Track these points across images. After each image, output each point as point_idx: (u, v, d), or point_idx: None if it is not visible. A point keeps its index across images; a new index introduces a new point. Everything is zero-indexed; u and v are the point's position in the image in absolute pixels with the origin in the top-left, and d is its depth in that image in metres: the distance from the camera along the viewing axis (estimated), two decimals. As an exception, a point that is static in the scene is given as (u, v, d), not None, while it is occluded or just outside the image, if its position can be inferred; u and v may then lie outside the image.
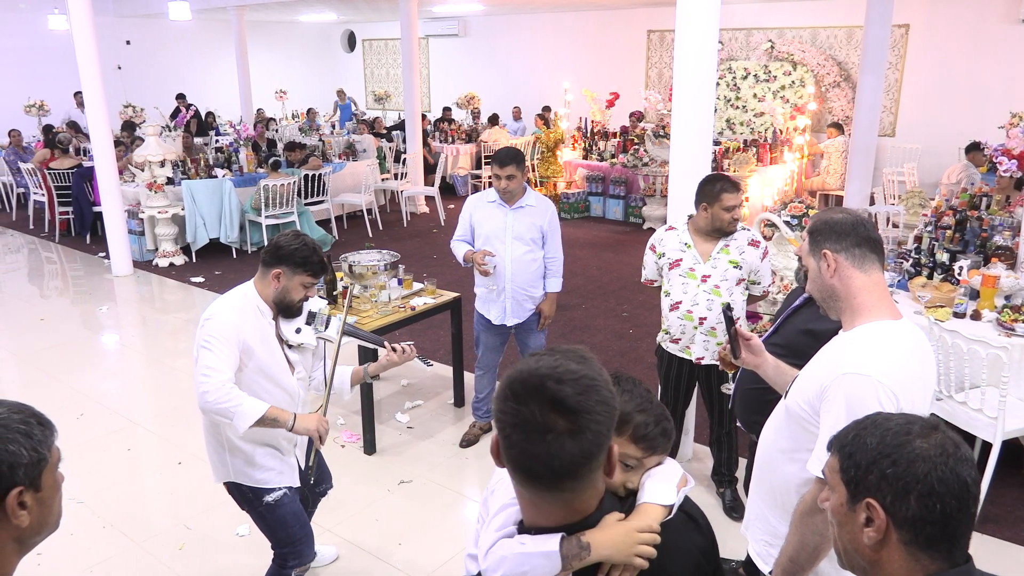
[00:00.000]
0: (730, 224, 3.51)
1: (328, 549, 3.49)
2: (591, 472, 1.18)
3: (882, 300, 1.84)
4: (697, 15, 3.68)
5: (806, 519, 1.78)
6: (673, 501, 1.36)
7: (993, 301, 4.18)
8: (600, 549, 1.23)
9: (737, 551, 3.44)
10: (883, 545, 1.17)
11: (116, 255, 8.08)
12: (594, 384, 1.15)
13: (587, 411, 1.13)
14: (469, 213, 4.22)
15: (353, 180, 10.31)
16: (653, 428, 1.44)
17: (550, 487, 1.18)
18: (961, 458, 1.15)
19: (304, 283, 2.61)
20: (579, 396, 1.13)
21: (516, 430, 1.14)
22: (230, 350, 2.53)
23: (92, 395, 5.23)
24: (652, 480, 1.41)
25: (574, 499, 1.22)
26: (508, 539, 1.28)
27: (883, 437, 1.18)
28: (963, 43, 10.24)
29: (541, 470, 1.14)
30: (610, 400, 1.17)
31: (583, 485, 1.20)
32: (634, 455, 1.42)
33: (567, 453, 1.12)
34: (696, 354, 3.64)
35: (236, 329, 2.56)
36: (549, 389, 1.13)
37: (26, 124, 12.26)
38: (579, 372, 1.15)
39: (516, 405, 1.14)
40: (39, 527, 1.27)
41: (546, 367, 1.15)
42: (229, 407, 2.48)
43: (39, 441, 1.25)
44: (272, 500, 2.73)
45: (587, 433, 1.13)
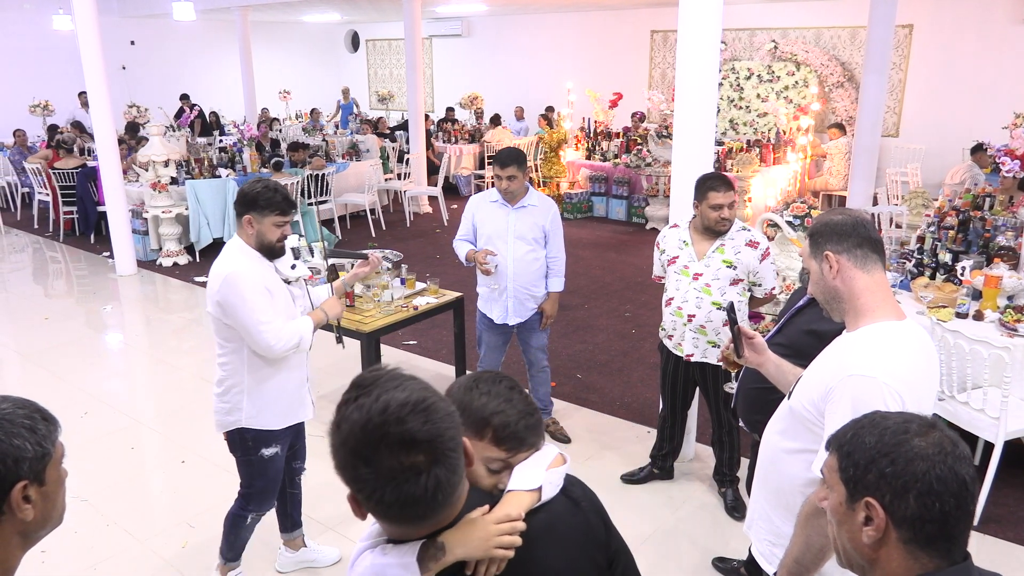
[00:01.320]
0: (718, 223, 3.50)
1: (331, 551, 3.49)
2: (461, 480, 1.18)
3: (886, 300, 1.85)
4: (699, 15, 3.68)
5: (811, 520, 1.79)
6: (537, 484, 1.31)
7: (996, 302, 4.17)
8: (455, 548, 1.20)
9: (739, 550, 3.45)
10: (882, 544, 1.17)
11: (120, 255, 8.10)
12: (430, 403, 1.12)
13: (439, 435, 1.11)
14: (471, 213, 4.23)
15: (356, 180, 10.33)
16: (514, 426, 1.35)
17: (432, 517, 1.17)
18: (959, 456, 1.15)
19: (275, 222, 2.79)
20: (426, 425, 1.10)
21: (386, 489, 1.09)
22: (262, 297, 2.78)
23: (96, 394, 5.25)
24: (518, 468, 1.35)
25: (451, 512, 1.21)
26: (371, 551, 1.26)
27: (881, 436, 1.18)
28: (967, 43, 10.22)
29: (424, 511, 1.13)
30: (448, 408, 1.14)
31: (458, 496, 1.20)
32: (498, 457, 1.35)
33: (444, 482, 1.11)
34: (686, 351, 3.66)
35: (256, 277, 2.79)
36: (394, 434, 1.08)
37: (31, 124, 12.30)
38: (410, 400, 1.11)
39: (369, 468, 1.08)
40: (43, 521, 1.28)
41: (376, 412, 1.09)
42: (295, 342, 2.84)
43: (43, 436, 1.26)
44: (268, 455, 3.00)
45: (449, 453, 1.12)
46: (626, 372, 5.49)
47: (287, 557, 3.43)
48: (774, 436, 2.04)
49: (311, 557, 3.44)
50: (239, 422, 2.94)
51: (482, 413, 1.34)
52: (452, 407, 1.16)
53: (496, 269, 4.11)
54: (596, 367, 5.59)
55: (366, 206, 9.92)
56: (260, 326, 2.75)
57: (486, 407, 1.35)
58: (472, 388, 1.38)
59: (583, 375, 5.44)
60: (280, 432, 3.03)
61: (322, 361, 5.64)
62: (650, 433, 4.48)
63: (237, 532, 3.15)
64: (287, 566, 3.43)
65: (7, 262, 8.94)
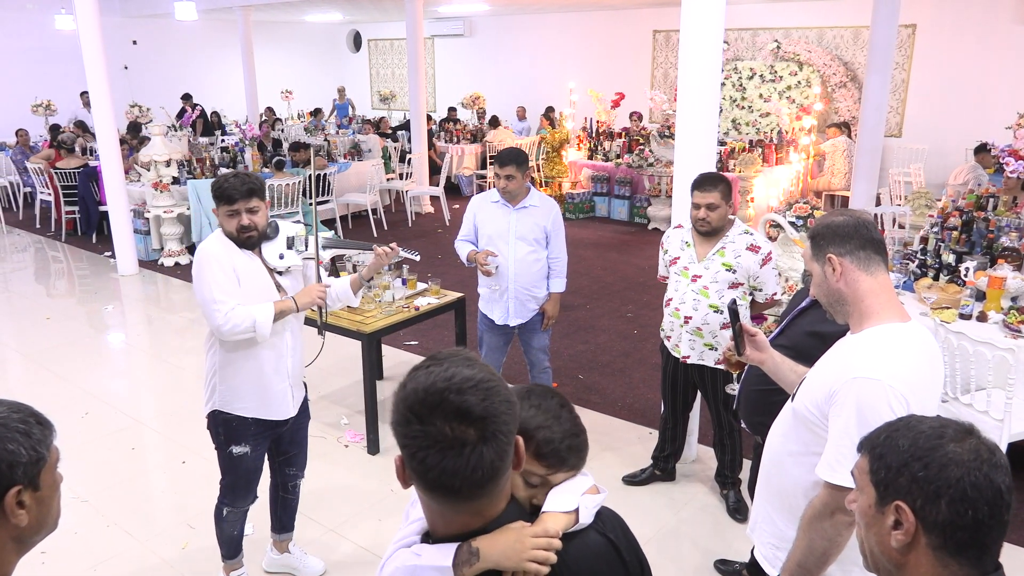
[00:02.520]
0: (697, 223, 3.49)
1: (316, 563, 3.44)
2: (505, 472, 1.17)
3: (890, 302, 1.83)
4: (702, 15, 3.67)
5: (815, 524, 1.77)
6: (573, 507, 1.31)
7: (999, 303, 4.15)
8: (489, 554, 1.19)
9: (741, 552, 3.43)
10: (911, 549, 1.15)
11: (122, 254, 8.10)
12: (493, 386, 1.13)
13: (494, 415, 1.11)
14: (473, 213, 4.21)
15: (358, 180, 10.33)
16: (557, 444, 1.35)
17: (470, 497, 1.16)
18: (996, 464, 1.12)
19: (227, 212, 2.78)
20: (484, 403, 1.11)
21: (430, 451, 1.10)
22: (225, 276, 2.77)
23: (97, 394, 5.25)
24: (555, 491, 1.35)
25: (488, 504, 1.20)
26: (405, 549, 1.25)
27: (916, 440, 1.16)
28: (970, 43, 10.20)
29: (461, 484, 1.12)
30: (510, 397, 1.15)
31: (499, 487, 1.19)
32: (537, 472, 1.35)
33: (487, 462, 1.11)
34: (683, 352, 3.64)
35: (223, 258, 2.78)
36: (452, 402, 1.10)
37: (33, 124, 12.31)
38: (475, 377, 1.13)
39: (422, 426, 1.10)
40: (38, 526, 1.27)
41: (441, 379, 1.12)
42: (247, 325, 2.76)
43: (38, 440, 1.25)
44: (236, 453, 2.98)
45: (500, 436, 1.11)
46: (628, 373, 5.47)
47: (271, 557, 3.43)
48: (777, 439, 2.03)
49: (294, 564, 3.41)
50: (214, 403, 2.96)
51: (528, 425, 1.34)
52: (514, 398, 1.17)
53: (497, 270, 4.10)
54: (598, 368, 5.58)
55: (368, 206, 9.92)
56: (212, 304, 2.74)
57: (533, 419, 1.35)
58: (523, 399, 1.38)
59: (585, 376, 5.43)
60: (250, 428, 2.97)
61: (322, 361, 5.61)
62: (652, 434, 4.46)
63: (219, 526, 3.16)
64: (271, 566, 3.43)
65: (9, 262, 8.94)
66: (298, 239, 2.93)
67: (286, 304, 2.85)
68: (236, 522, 3.16)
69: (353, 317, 4.33)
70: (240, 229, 2.79)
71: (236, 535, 3.20)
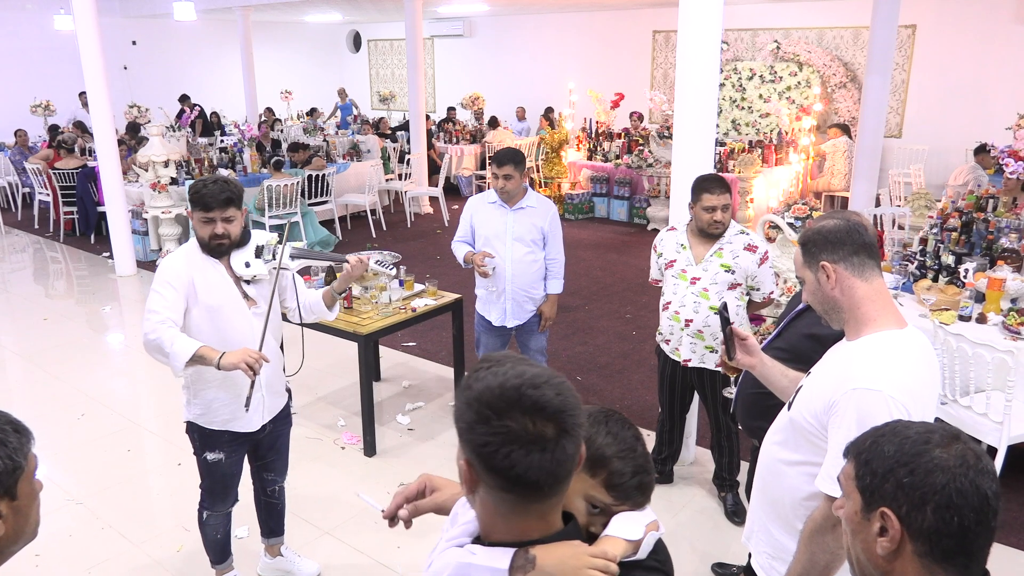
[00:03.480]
0: (711, 225, 3.46)
1: (310, 565, 3.42)
2: (573, 470, 1.16)
3: (886, 308, 1.81)
4: (700, 16, 3.66)
5: (816, 537, 1.75)
6: (638, 537, 1.29)
7: (999, 304, 4.13)
8: (545, 564, 1.16)
9: (739, 555, 3.41)
10: (897, 556, 1.13)
11: (120, 255, 8.09)
12: (561, 381, 1.13)
13: (570, 409, 1.11)
14: (470, 214, 4.20)
15: (357, 180, 10.31)
16: (629, 479, 1.34)
17: (548, 494, 1.14)
18: (982, 470, 1.11)
19: (202, 219, 2.74)
20: (559, 397, 1.10)
21: (514, 447, 1.08)
22: (173, 292, 2.71)
23: (94, 395, 5.23)
24: (620, 517, 1.34)
25: (554, 508, 1.19)
26: (458, 548, 1.23)
27: (901, 445, 1.15)
28: (970, 44, 10.18)
29: (545, 480, 1.10)
30: (579, 403, 1.15)
31: (564, 491, 1.17)
32: (603, 500, 1.34)
33: (569, 455, 1.10)
34: (684, 355, 3.63)
35: (181, 271, 2.73)
36: (530, 396, 1.09)
37: (32, 124, 12.30)
38: (544, 374, 1.12)
39: (502, 422, 1.09)
40: (15, 537, 1.24)
41: (513, 376, 1.11)
42: (163, 346, 2.65)
43: (15, 449, 1.22)
44: (211, 459, 2.98)
45: (576, 429, 1.11)
46: (626, 374, 5.45)
47: (265, 561, 3.42)
48: (773, 447, 2.00)
49: (287, 568, 3.39)
50: (188, 414, 2.97)
51: (603, 453, 1.33)
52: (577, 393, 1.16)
53: (494, 271, 4.08)
54: (596, 369, 5.56)
55: (367, 207, 9.90)
56: (147, 312, 2.71)
57: (608, 447, 1.34)
58: (599, 423, 1.37)
59: (583, 377, 5.41)
60: (223, 437, 2.95)
61: (321, 362, 5.61)
62: (650, 436, 4.45)
63: (203, 530, 3.14)
64: (265, 570, 3.42)
65: (7, 262, 8.93)
66: (267, 248, 2.87)
67: (210, 354, 2.64)
68: (218, 526, 3.14)
69: (350, 318, 4.31)
70: (212, 237, 2.75)
71: (220, 539, 3.17)
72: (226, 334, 2.81)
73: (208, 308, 2.78)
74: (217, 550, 3.19)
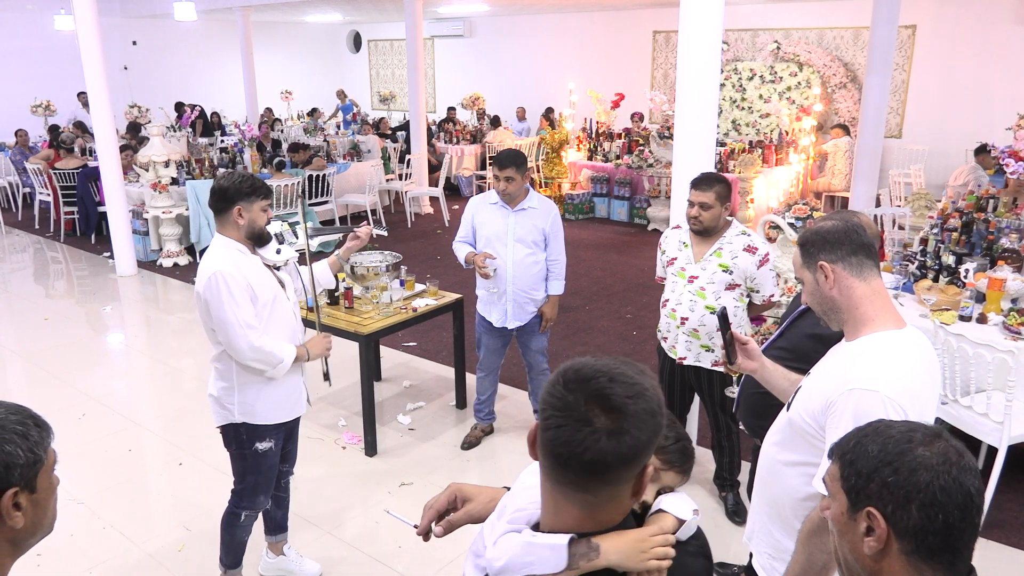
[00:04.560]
0: (692, 222, 3.49)
1: (312, 565, 3.43)
2: (619, 481, 1.15)
3: (885, 308, 1.81)
4: (700, 16, 3.66)
5: (814, 537, 1.75)
6: (687, 517, 1.33)
7: (999, 304, 4.14)
8: (610, 553, 1.18)
9: (740, 555, 3.42)
10: (884, 555, 1.14)
11: (120, 255, 8.09)
12: (645, 393, 1.13)
13: (631, 415, 1.11)
14: (471, 215, 4.20)
15: (357, 181, 10.32)
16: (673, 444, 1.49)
17: (576, 482, 1.15)
18: (964, 467, 1.12)
19: (262, 207, 2.83)
20: (626, 398, 1.11)
21: (557, 414, 1.12)
22: (246, 299, 2.78)
23: (95, 395, 5.23)
24: (670, 495, 1.39)
25: (596, 505, 1.18)
26: (517, 533, 1.25)
27: (885, 445, 1.16)
28: (970, 44, 10.19)
29: (570, 459, 1.11)
30: (657, 414, 1.14)
31: (609, 493, 1.16)
32: (653, 463, 1.40)
33: (600, 449, 1.10)
34: (680, 354, 3.63)
35: (239, 276, 2.77)
36: (599, 383, 1.12)
37: (32, 124, 12.30)
38: (633, 378, 1.14)
39: (564, 391, 1.12)
40: (33, 529, 1.26)
41: (603, 365, 1.15)
42: (275, 355, 2.84)
43: (35, 443, 1.24)
44: (262, 449, 2.98)
45: (626, 436, 1.10)
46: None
47: (267, 561, 3.41)
48: (772, 447, 2.00)
49: (289, 567, 3.39)
50: (231, 417, 2.95)
51: None
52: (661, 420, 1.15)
53: (495, 272, 4.08)
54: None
55: (367, 207, 9.90)
56: (239, 328, 2.76)
57: None
58: None
59: (584, 377, 5.41)
60: (274, 427, 3.01)
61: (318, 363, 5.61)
62: (651, 436, 4.45)
63: (232, 532, 3.12)
64: (267, 569, 3.41)
65: (8, 262, 8.93)
66: (286, 233, 2.98)
67: (302, 352, 2.98)
68: (249, 526, 3.13)
69: (351, 318, 4.32)
70: (267, 222, 2.87)
71: (245, 540, 3.17)
72: (279, 323, 2.93)
73: (264, 304, 2.85)
74: (239, 553, 3.17)
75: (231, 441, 3.01)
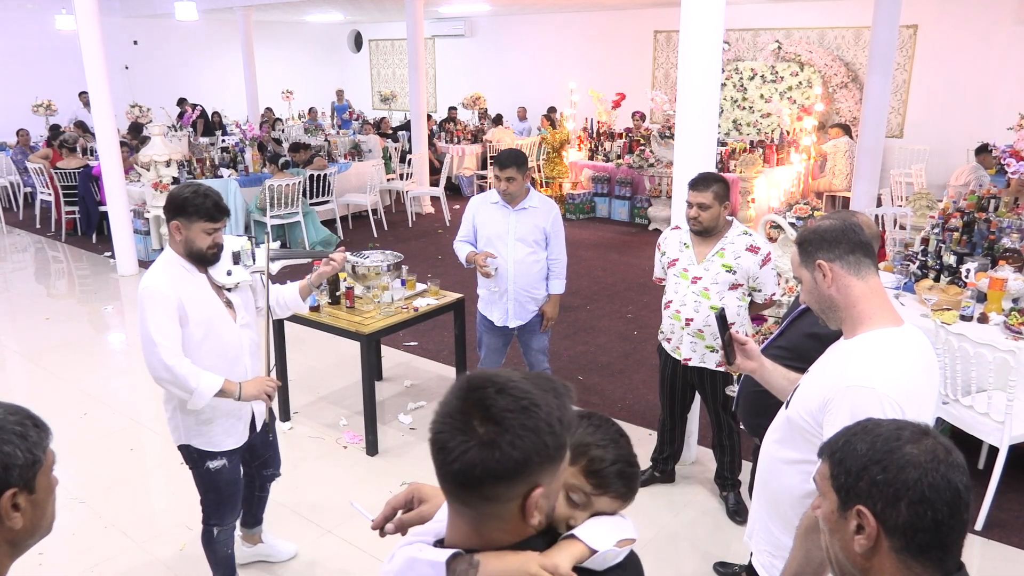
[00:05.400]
0: (691, 222, 3.50)
1: (287, 545, 3.47)
2: (497, 499, 1.09)
3: (883, 307, 1.82)
4: (701, 16, 3.66)
5: (811, 534, 1.76)
6: (603, 548, 1.25)
7: (1000, 304, 4.14)
8: (488, 570, 1.13)
9: (741, 555, 3.42)
10: (874, 553, 1.15)
11: (121, 255, 8.10)
12: (534, 410, 1.07)
13: (507, 429, 1.05)
14: (472, 214, 4.20)
15: (358, 180, 10.32)
16: (609, 466, 1.35)
17: (453, 493, 1.13)
18: (952, 464, 1.13)
19: (204, 229, 2.68)
20: (507, 412, 1.06)
21: (439, 419, 1.09)
22: (167, 318, 2.64)
23: (96, 394, 5.24)
24: (595, 520, 1.32)
25: (480, 522, 1.14)
26: (410, 545, 1.24)
27: (873, 443, 1.17)
28: (972, 44, 10.18)
29: (442, 466, 1.09)
30: (542, 433, 1.07)
31: (489, 510, 1.11)
32: (583, 488, 1.34)
33: (468, 459, 1.05)
34: (684, 354, 3.63)
35: (168, 292, 2.65)
36: (484, 393, 1.08)
37: (34, 124, 12.31)
38: (527, 394, 1.08)
39: (452, 396, 1.11)
40: (32, 529, 1.27)
41: (503, 376, 1.10)
42: (187, 383, 2.63)
43: (34, 443, 1.24)
44: (213, 467, 2.89)
45: (496, 452, 1.04)
46: (628, 374, 5.46)
47: (244, 551, 3.41)
48: (772, 445, 2.01)
49: (267, 552, 3.45)
50: (180, 437, 2.87)
51: (583, 440, 1.37)
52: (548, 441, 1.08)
53: (496, 272, 4.08)
54: (597, 369, 5.56)
55: (368, 206, 9.91)
56: (152, 345, 2.61)
57: (590, 436, 1.38)
58: (583, 418, 1.41)
59: (584, 377, 5.42)
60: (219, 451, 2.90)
61: (322, 361, 5.62)
62: (651, 436, 4.45)
63: (212, 549, 3.05)
64: (244, 558, 3.42)
65: (9, 262, 8.94)
66: (244, 253, 2.84)
67: (229, 387, 2.71)
68: (227, 540, 3.08)
69: (352, 318, 4.32)
70: (211, 247, 2.72)
71: (230, 554, 3.11)
72: (217, 348, 2.77)
73: (198, 324, 2.71)
74: (227, 566, 3.12)
75: (186, 459, 2.93)
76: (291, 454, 4.28)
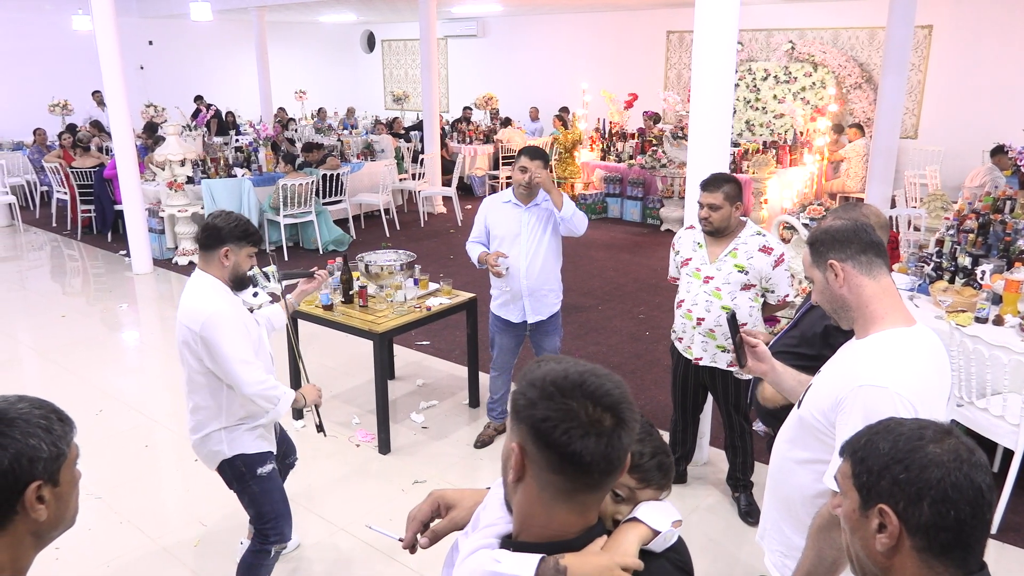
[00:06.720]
0: (702, 223, 3.51)
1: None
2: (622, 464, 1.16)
3: (895, 306, 1.82)
4: (716, 16, 3.65)
5: (823, 533, 1.76)
6: (663, 529, 1.30)
7: (1016, 306, 4.11)
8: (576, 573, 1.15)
9: (753, 555, 3.41)
10: (896, 552, 1.15)
11: (136, 253, 8.16)
12: (618, 377, 1.17)
13: (628, 402, 1.14)
14: (484, 214, 4.22)
15: (371, 180, 10.36)
16: (648, 460, 1.41)
17: (598, 484, 1.14)
18: (975, 464, 1.13)
19: (249, 253, 2.85)
20: (617, 389, 1.13)
21: (572, 426, 1.09)
22: (244, 336, 2.79)
23: (111, 392, 5.28)
24: (647, 505, 1.37)
25: (598, 501, 1.19)
26: (486, 551, 1.22)
27: (896, 442, 1.16)
28: (987, 44, 10.11)
29: (598, 465, 1.10)
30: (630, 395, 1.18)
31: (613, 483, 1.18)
32: (627, 483, 1.39)
33: (623, 447, 1.11)
34: (695, 354, 3.63)
35: (234, 317, 2.78)
36: (591, 384, 1.12)
37: (50, 123, 12.43)
38: (601, 368, 1.17)
39: (564, 400, 1.10)
40: (56, 522, 1.29)
41: (573, 367, 1.15)
42: (275, 395, 2.82)
43: (59, 436, 1.27)
44: (265, 472, 2.91)
45: (632, 424, 1.13)
46: (639, 374, 5.46)
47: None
48: (783, 445, 2.01)
49: None
50: (223, 454, 2.89)
51: None
52: None
53: (507, 271, 4.10)
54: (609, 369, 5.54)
55: (380, 206, 9.94)
56: (243, 364, 2.74)
57: None
58: None
59: (596, 377, 5.41)
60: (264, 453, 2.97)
61: (335, 360, 5.65)
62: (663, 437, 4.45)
63: (260, 571, 2.99)
64: None
65: (25, 259, 9.02)
66: (258, 276, 2.97)
67: (298, 398, 2.99)
68: (277, 558, 3.04)
69: (365, 317, 4.34)
70: (250, 269, 2.88)
71: None
72: (266, 363, 2.95)
73: (253, 343, 2.86)
74: None
75: (231, 479, 2.93)
76: (303, 451, 4.30)
